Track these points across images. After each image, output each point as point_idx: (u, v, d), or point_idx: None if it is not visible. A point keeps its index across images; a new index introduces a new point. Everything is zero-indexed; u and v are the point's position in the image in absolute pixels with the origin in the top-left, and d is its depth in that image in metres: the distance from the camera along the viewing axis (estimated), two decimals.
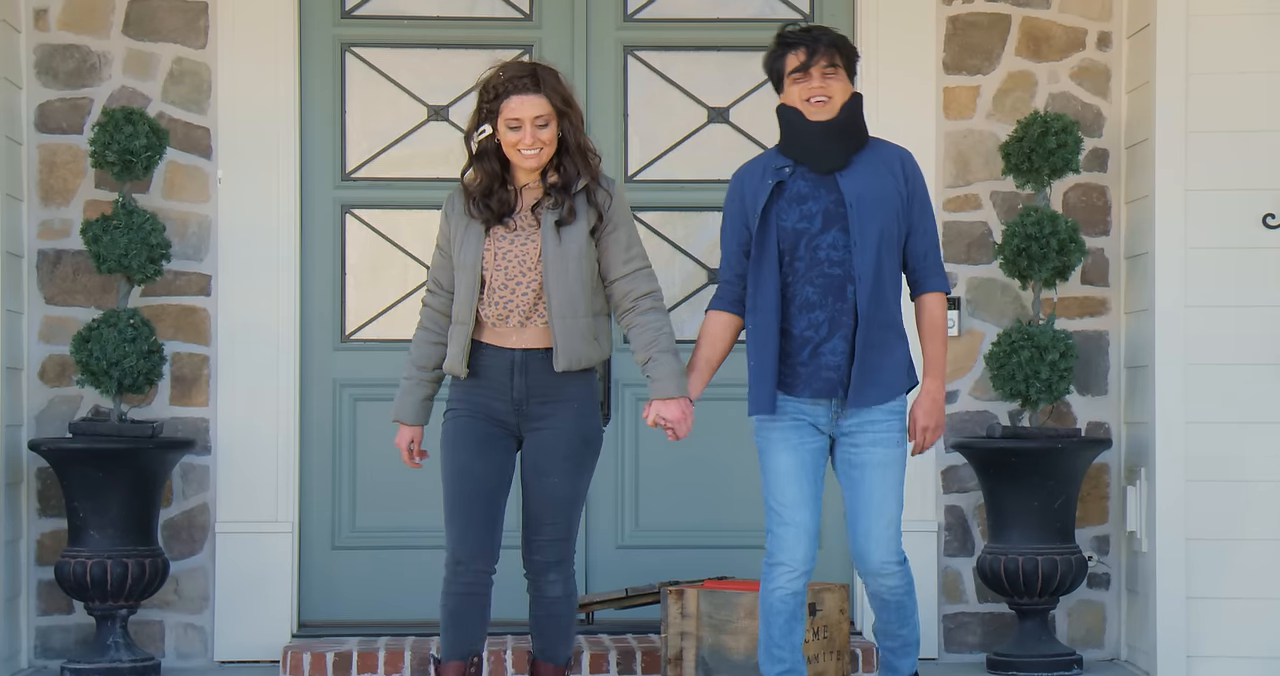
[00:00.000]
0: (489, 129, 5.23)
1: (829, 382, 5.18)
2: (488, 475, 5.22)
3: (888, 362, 5.18)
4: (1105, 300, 6.93)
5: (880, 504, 5.17)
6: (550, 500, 5.24)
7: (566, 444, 5.24)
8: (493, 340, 5.26)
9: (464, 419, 5.26)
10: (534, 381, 5.24)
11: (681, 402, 5.24)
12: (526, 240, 5.23)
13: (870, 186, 5.19)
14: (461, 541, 5.19)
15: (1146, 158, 6.62)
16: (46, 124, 6.78)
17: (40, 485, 6.72)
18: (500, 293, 5.23)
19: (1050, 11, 6.93)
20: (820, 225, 5.18)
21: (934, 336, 5.24)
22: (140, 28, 6.81)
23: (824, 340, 5.17)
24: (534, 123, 5.18)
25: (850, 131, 5.22)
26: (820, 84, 5.19)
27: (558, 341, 5.20)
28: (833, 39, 5.24)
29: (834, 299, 5.17)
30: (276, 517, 6.76)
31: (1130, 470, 6.78)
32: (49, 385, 6.75)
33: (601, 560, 6.96)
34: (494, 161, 5.25)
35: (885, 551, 5.18)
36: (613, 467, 6.97)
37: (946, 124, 6.90)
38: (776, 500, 5.18)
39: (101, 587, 6.36)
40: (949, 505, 6.90)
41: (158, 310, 6.78)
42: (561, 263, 5.20)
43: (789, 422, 5.22)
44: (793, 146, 5.24)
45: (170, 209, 6.80)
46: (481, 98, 5.23)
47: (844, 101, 5.21)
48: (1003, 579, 6.52)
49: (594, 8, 7.00)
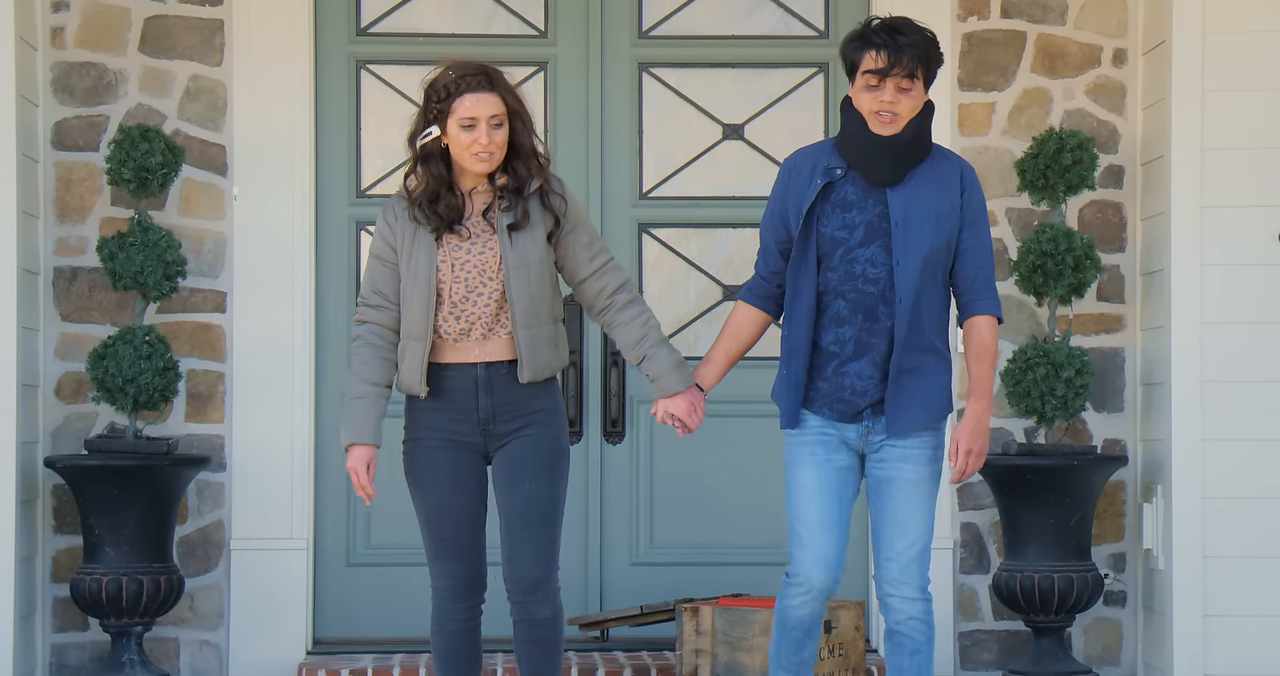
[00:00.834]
0: (436, 131, 4.91)
1: (852, 406, 4.88)
2: (467, 505, 4.95)
3: (928, 385, 4.86)
4: (1121, 317, 6.92)
5: (905, 522, 4.84)
6: (530, 508, 4.91)
7: (539, 451, 4.94)
8: (454, 357, 4.95)
9: (430, 450, 4.96)
10: (500, 399, 4.94)
11: (689, 394, 4.96)
12: (484, 248, 4.93)
13: (921, 202, 4.85)
14: (451, 580, 4.94)
15: (1162, 174, 6.61)
16: (63, 141, 6.80)
17: (56, 502, 6.72)
18: (461, 306, 4.93)
19: (1066, 28, 6.92)
20: (861, 238, 4.85)
21: (982, 358, 4.90)
22: (156, 45, 6.83)
23: (850, 359, 4.87)
24: (489, 122, 4.87)
25: (912, 149, 4.87)
26: (891, 99, 4.81)
27: (522, 352, 4.92)
28: (918, 45, 4.80)
29: (864, 317, 4.86)
30: (291, 534, 6.76)
31: (1146, 487, 6.76)
32: (65, 402, 6.76)
33: (616, 577, 6.95)
34: (440, 165, 4.93)
35: (906, 573, 4.83)
36: (627, 484, 6.97)
37: (962, 140, 6.90)
38: (796, 519, 4.88)
39: (117, 604, 6.36)
40: (965, 522, 6.88)
41: (173, 327, 6.79)
42: (523, 270, 4.91)
43: (816, 437, 4.90)
44: (849, 150, 4.89)
45: (186, 226, 6.81)
46: (430, 98, 4.91)
47: (912, 117, 4.86)
48: (1019, 596, 6.50)
49: (609, 25, 7.01)
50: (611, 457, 6.98)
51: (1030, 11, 6.92)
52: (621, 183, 7.01)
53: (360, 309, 5.02)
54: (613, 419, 6.93)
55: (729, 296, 6.98)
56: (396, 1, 7.01)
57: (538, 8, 7.02)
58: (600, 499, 6.96)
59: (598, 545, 6.95)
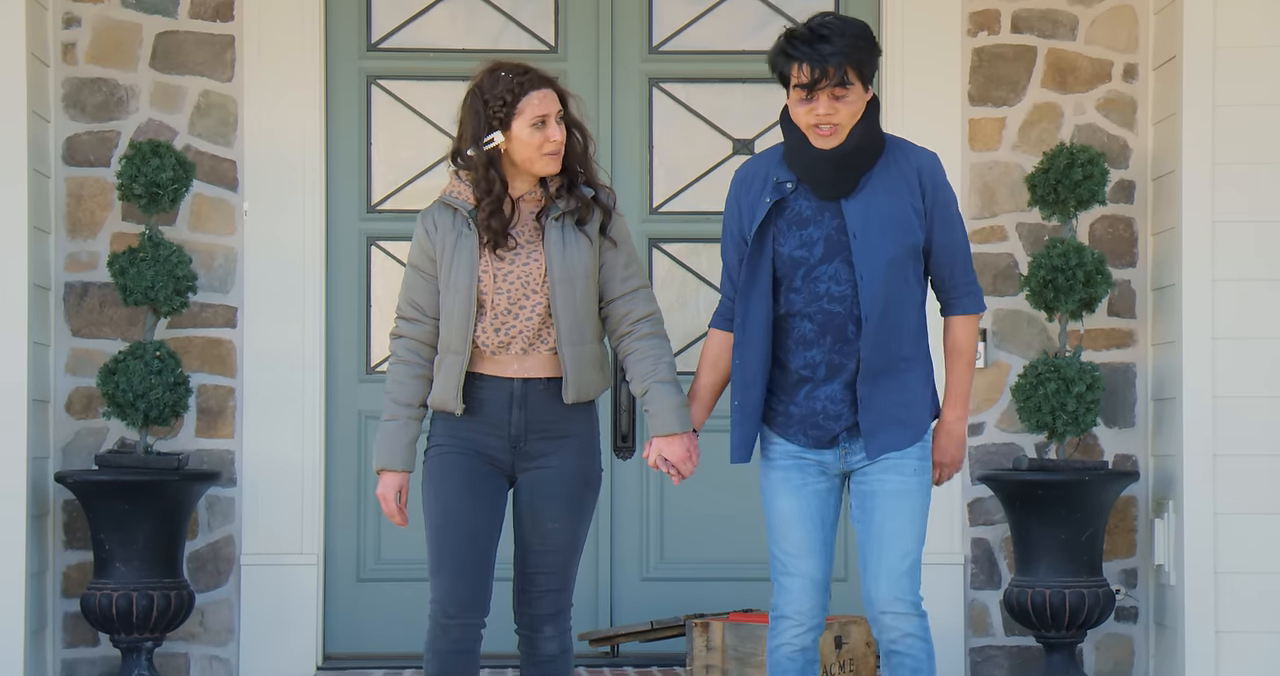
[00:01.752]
0: (499, 137, 4.66)
1: (826, 432, 4.56)
2: (479, 519, 4.68)
3: (905, 401, 4.54)
4: (1132, 332, 6.91)
5: (892, 536, 4.49)
6: (548, 549, 4.70)
7: (567, 485, 4.69)
8: (490, 370, 4.70)
9: (452, 455, 4.71)
10: (534, 415, 4.69)
11: (685, 439, 4.69)
12: (528, 259, 4.70)
13: (879, 209, 4.51)
14: (451, 594, 4.65)
15: (1173, 189, 6.61)
16: (74, 157, 6.81)
17: (66, 517, 6.73)
18: (503, 318, 4.68)
19: (1076, 43, 6.92)
20: (821, 254, 4.52)
21: (957, 361, 4.61)
22: (167, 61, 6.84)
23: (822, 382, 4.55)
24: (557, 117, 4.67)
25: (860, 156, 4.52)
26: (826, 110, 4.47)
27: (568, 371, 4.68)
28: (844, 50, 4.45)
29: (833, 338, 4.53)
30: (302, 549, 6.76)
31: (1158, 503, 6.75)
32: (75, 417, 6.76)
33: (626, 592, 6.95)
34: (498, 172, 4.68)
35: (896, 587, 4.48)
36: (637, 499, 6.96)
37: (972, 155, 6.89)
38: (779, 547, 4.59)
39: (127, 620, 6.36)
40: (975, 538, 6.87)
41: (184, 342, 6.79)
42: (569, 284, 4.68)
43: (790, 462, 4.60)
44: (795, 163, 4.57)
45: (196, 241, 6.82)
46: (490, 103, 4.66)
47: (854, 124, 4.51)
48: (1030, 612, 6.49)
49: (619, 40, 7.01)
50: (622, 472, 6.97)
51: (1041, 26, 6.91)
52: (632, 197, 7.01)
53: (396, 322, 4.81)
54: (623, 434, 6.92)
55: None
56: (407, 17, 7.02)
57: (548, 23, 7.03)
58: (611, 514, 6.95)
59: (608, 560, 6.94)
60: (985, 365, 6.89)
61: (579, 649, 6.61)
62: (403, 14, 7.01)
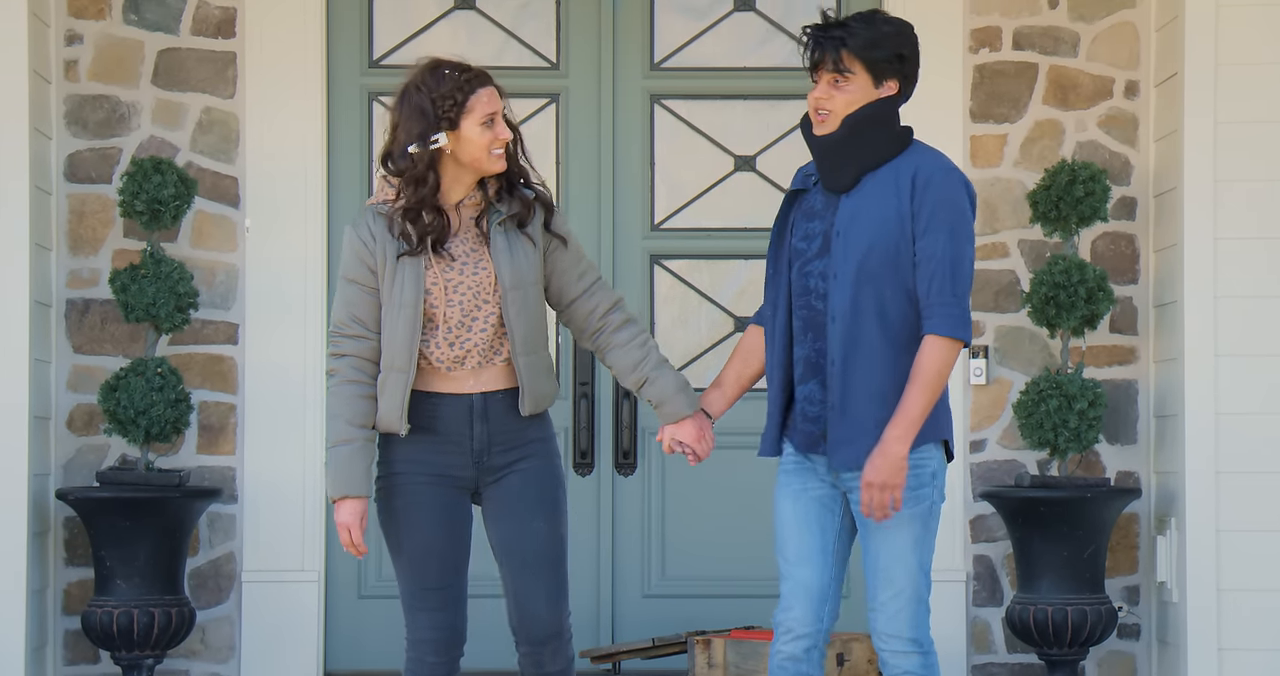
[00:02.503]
0: (443, 138, 4.43)
1: (809, 437, 4.44)
2: (452, 550, 4.48)
3: (884, 415, 4.32)
4: (1134, 349, 6.91)
5: (887, 570, 4.35)
6: (539, 550, 4.49)
7: (541, 486, 4.50)
8: (446, 387, 4.47)
9: (416, 486, 4.46)
10: (496, 428, 4.48)
11: (697, 419, 4.55)
12: (476, 268, 4.47)
13: (868, 210, 4.37)
14: (433, 632, 4.51)
15: (1175, 206, 6.61)
16: (76, 174, 6.81)
17: (68, 534, 6.72)
18: (457, 332, 4.45)
19: (1078, 60, 6.92)
20: (817, 249, 4.43)
21: (914, 380, 4.29)
22: (169, 78, 6.84)
23: (800, 381, 4.44)
24: (503, 116, 4.49)
25: (852, 149, 4.39)
26: (822, 94, 4.40)
27: (524, 382, 4.47)
28: (848, 37, 4.38)
29: (814, 336, 4.41)
30: (303, 566, 6.75)
31: (1160, 520, 6.74)
32: (77, 434, 6.76)
33: (627, 609, 6.94)
34: (428, 189, 4.44)
35: (891, 623, 4.34)
36: (639, 516, 6.96)
37: (974, 172, 6.89)
38: (779, 553, 4.50)
39: (128, 637, 6.35)
40: (977, 554, 6.86)
41: (185, 359, 6.79)
42: (520, 291, 4.47)
43: (792, 466, 4.49)
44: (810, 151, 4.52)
45: (198, 258, 6.82)
46: (437, 103, 4.44)
47: (847, 114, 4.38)
48: (1032, 629, 6.48)
49: (621, 57, 7.02)
50: (623, 489, 6.97)
51: (1042, 43, 6.92)
52: (633, 214, 7.01)
53: (335, 339, 4.54)
54: (624, 450, 6.92)
55: (741, 328, 6.98)
56: (408, 33, 7.02)
57: (549, 40, 7.03)
58: (612, 531, 6.95)
59: (609, 577, 6.94)
60: (987, 382, 6.89)
61: (580, 666, 6.59)
62: (404, 31, 7.02)
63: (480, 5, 7.05)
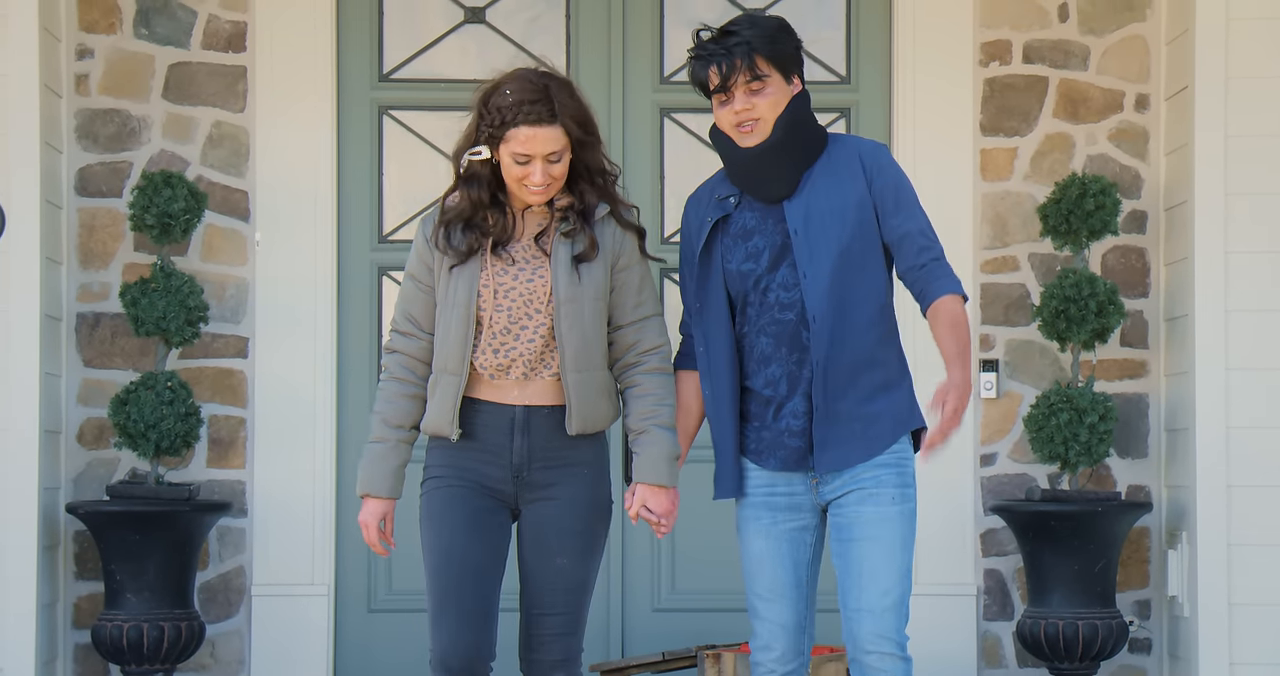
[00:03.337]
0: (485, 151, 4.30)
1: (796, 452, 4.29)
2: (481, 559, 4.32)
3: (869, 411, 4.25)
4: (1145, 362, 6.90)
5: (871, 572, 4.22)
6: (558, 587, 4.35)
7: (576, 517, 4.35)
8: (488, 395, 4.33)
9: (450, 489, 4.35)
10: (537, 443, 4.33)
11: (672, 493, 4.40)
12: (533, 275, 4.32)
13: (820, 204, 4.26)
14: (453, 643, 4.27)
15: (1185, 219, 6.60)
16: (86, 187, 6.82)
17: (77, 548, 6.72)
18: (502, 338, 4.31)
19: (1088, 74, 6.92)
20: (768, 263, 4.28)
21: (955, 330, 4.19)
22: (180, 92, 6.85)
23: (784, 400, 4.29)
24: (546, 159, 4.28)
25: (791, 149, 4.27)
26: (744, 105, 4.25)
27: (572, 400, 4.31)
28: (750, 39, 4.24)
29: (789, 349, 4.27)
30: (313, 580, 6.75)
31: (1171, 534, 6.73)
32: (87, 448, 6.76)
33: (637, 623, 6.93)
34: (483, 188, 4.33)
35: (879, 624, 4.19)
36: (648, 529, 6.95)
37: (984, 186, 6.89)
38: (750, 589, 4.37)
39: (138, 651, 6.35)
40: (988, 568, 6.85)
41: (195, 372, 6.79)
42: (577, 305, 4.30)
43: (760, 499, 4.35)
44: (734, 175, 4.35)
45: (208, 272, 6.82)
46: (482, 118, 4.31)
47: (777, 115, 4.25)
48: (1043, 643, 6.47)
49: (630, 70, 7.02)
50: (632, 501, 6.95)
51: (1052, 57, 6.92)
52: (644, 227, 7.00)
53: (390, 336, 4.44)
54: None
55: None
56: (418, 48, 7.03)
57: (559, 53, 7.04)
58: (622, 544, 6.94)
59: (619, 591, 6.93)
60: (997, 395, 6.88)
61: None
62: (414, 45, 7.03)
63: (490, 19, 7.06)
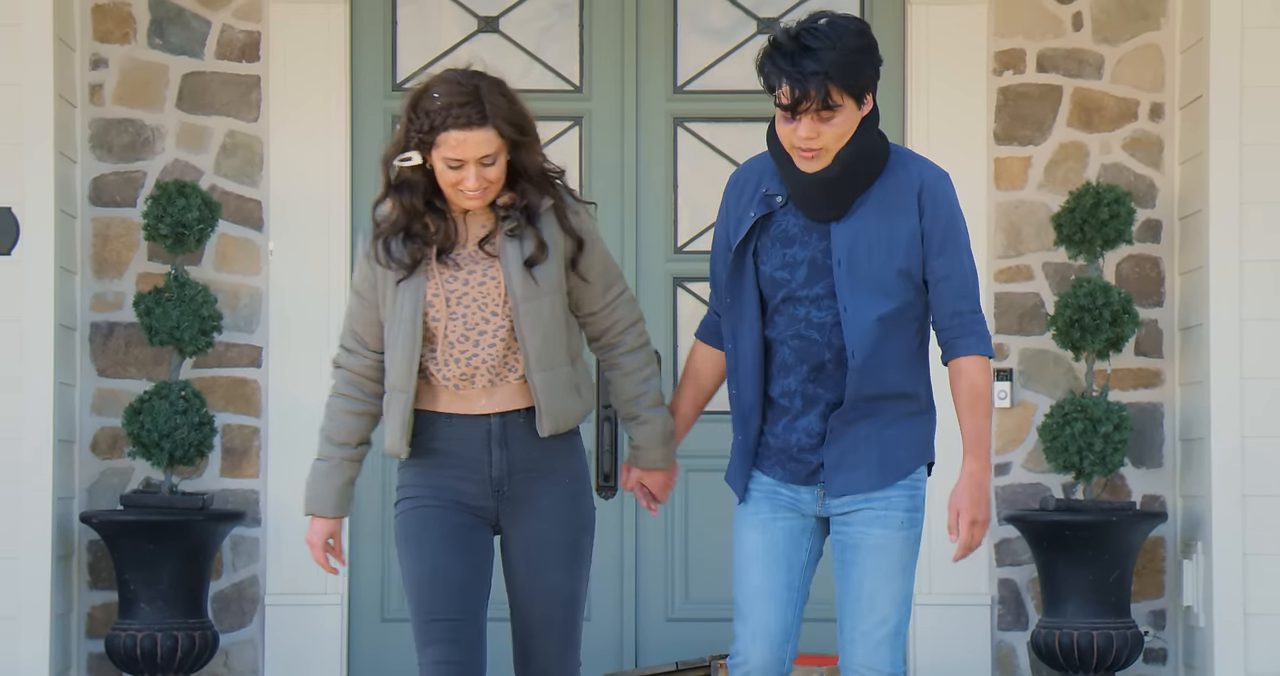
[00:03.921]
0: (415, 157, 4.11)
1: (807, 467, 4.14)
2: (464, 578, 4.14)
3: (887, 439, 4.11)
4: (1159, 372, 6.88)
5: (872, 597, 4.06)
6: (550, 603, 4.18)
7: (563, 531, 4.19)
8: (456, 407, 4.17)
9: (425, 509, 4.17)
10: (516, 454, 4.17)
11: (670, 473, 4.33)
12: (484, 277, 4.14)
13: (869, 234, 4.09)
14: (445, 669, 4.11)
15: (1200, 228, 6.59)
16: (100, 197, 6.83)
17: (91, 557, 6.72)
18: (461, 347, 4.13)
19: (1102, 83, 6.91)
20: (804, 277, 4.11)
21: (975, 408, 4.08)
22: (193, 102, 6.86)
23: (799, 414, 4.14)
24: (479, 162, 4.08)
25: (849, 180, 4.09)
26: (808, 134, 4.05)
27: (540, 400, 4.14)
28: (831, 67, 4.00)
29: (809, 368, 4.12)
30: (326, 590, 6.75)
31: (1186, 543, 6.71)
32: (100, 457, 6.76)
33: (651, 633, 6.92)
34: (416, 196, 4.13)
35: (871, 656, 4.04)
36: (662, 539, 6.94)
37: (998, 195, 6.88)
38: (737, 589, 4.16)
39: (152, 660, 6.35)
40: (1002, 578, 6.84)
41: (209, 382, 6.79)
42: (535, 303, 4.13)
43: (762, 496, 4.18)
44: (786, 178, 4.15)
45: (222, 281, 6.82)
46: (411, 123, 4.10)
47: (841, 147, 4.08)
48: (1057, 653, 6.45)
49: (644, 79, 7.02)
50: (646, 512, 6.95)
51: (1066, 66, 6.91)
52: (656, 237, 7.01)
53: (338, 352, 4.29)
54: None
55: None
56: (432, 57, 7.03)
57: (573, 63, 7.04)
58: (635, 553, 6.93)
59: (632, 600, 6.92)
60: (1011, 405, 6.87)
61: None
62: (428, 54, 7.03)
63: (503, 28, 7.06)
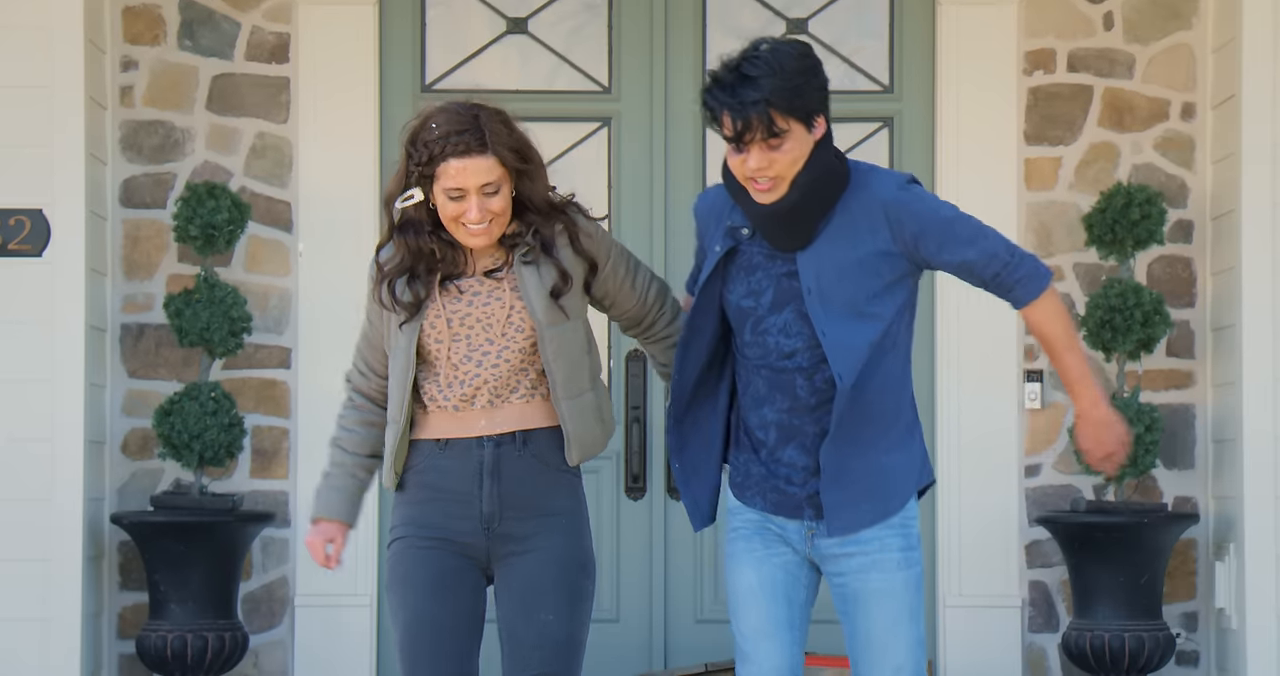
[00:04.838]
0: (417, 194, 4.04)
1: (793, 500, 4.02)
2: (454, 625, 4.01)
3: (882, 466, 3.98)
4: (1191, 373, 6.85)
5: (884, 646, 3.97)
6: (545, 645, 3.98)
7: (560, 570, 4.01)
8: (454, 431, 4.06)
9: (415, 550, 4.07)
10: (508, 489, 4.03)
11: None
12: (489, 299, 4.05)
13: (838, 258, 3.97)
14: None
15: (1232, 229, 6.56)
16: (131, 199, 6.85)
17: (122, 558, 6.74)
18: (464, 367, 4.04)
19: (1133, 82, 6.88)
20: (769, 304, 4.00)
21: (1053, 348, 3.98)
22: (223, 103, 6.87)
23: (776, 446, 4.02)
24: (481, 192, 3.99)
25: (809, 209, 3.96)
26: (758, 164, 3.91)
27: (569, 428, 4.04)
28: (772, 94, 3.87)
29: (782, 396, 3.99)
30: (355, 591, 6.75)
31: (1218, 545, 6.68)
32: (131, 458, 6.78)
33: (680, 634, 6.91)
34: (423, 235, 4.05)
35: None
36: (691, 540, 6.94)
37: (1028, 195, 6.86)
38: (737, 628, 4.04)
39: (182, 661, 6.36)
40: (1033, 580, 6.82)
41: (239, 383, 6.80)
42: (559, 329, 4.04)
43: (753, 530, 4.06)
44: (745, 214, 4.03)
45: (251, 282, 6.84)
46: (410, 157, 4.04)
47: (795, 174, 3.93)
48: (1089, 655, 6.43)
49: (673, 80, 7.01)
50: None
51: (1097, 65, 6.88)
52: (686, 239, 6.98)
53: (350, 368, 4.30)
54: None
55: None
56: (461, 58, 7.04)
57: (601, 64, 7.03)
58: (665, 555, 6.93)
59: (662, 602, 6.92)
60: (1042, 406, 6.85)
61: None
62: (457, 55, 7.04)
63: (532, 29, 7.06)
